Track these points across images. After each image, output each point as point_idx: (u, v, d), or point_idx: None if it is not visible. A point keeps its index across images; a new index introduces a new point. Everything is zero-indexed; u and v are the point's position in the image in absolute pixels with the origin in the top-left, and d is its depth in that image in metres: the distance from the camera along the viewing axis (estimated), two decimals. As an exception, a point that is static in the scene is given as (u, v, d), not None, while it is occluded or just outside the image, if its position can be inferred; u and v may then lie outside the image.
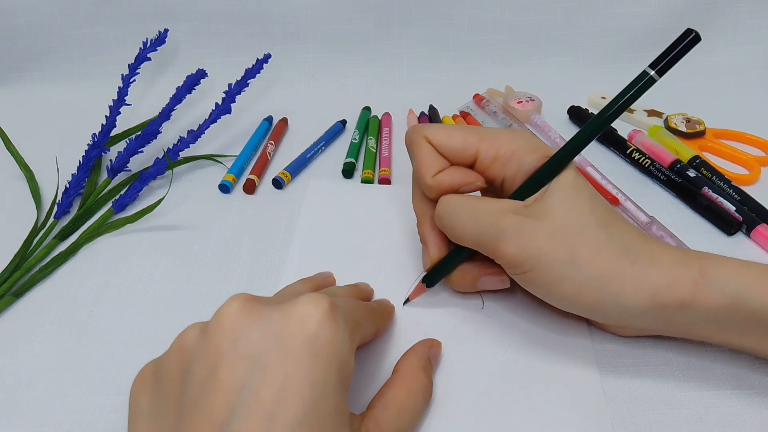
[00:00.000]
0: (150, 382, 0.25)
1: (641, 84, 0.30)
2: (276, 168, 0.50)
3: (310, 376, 0.22)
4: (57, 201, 0.45)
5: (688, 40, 0.29)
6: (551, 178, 0.31)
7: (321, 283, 0.35)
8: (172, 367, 0.24)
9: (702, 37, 0.29)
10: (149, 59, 0.50)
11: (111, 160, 0.48)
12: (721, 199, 0.44)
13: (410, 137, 0.34)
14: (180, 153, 0.49)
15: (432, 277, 0.35)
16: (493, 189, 0.34)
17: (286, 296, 0.29)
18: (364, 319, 0.29)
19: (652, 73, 0.29)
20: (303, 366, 0.22)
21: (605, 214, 0.30)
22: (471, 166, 0.33)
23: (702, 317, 0.29)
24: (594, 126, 0.31)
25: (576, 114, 0.56)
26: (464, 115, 0.57)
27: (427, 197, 0.35)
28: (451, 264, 0.34)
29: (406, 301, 0.36)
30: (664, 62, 0.29)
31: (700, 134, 0.52)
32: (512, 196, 0.32)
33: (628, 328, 0.33)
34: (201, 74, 0.50)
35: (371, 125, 0.55)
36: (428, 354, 0.31)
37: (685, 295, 0.28)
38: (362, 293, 0.35)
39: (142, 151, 0.48)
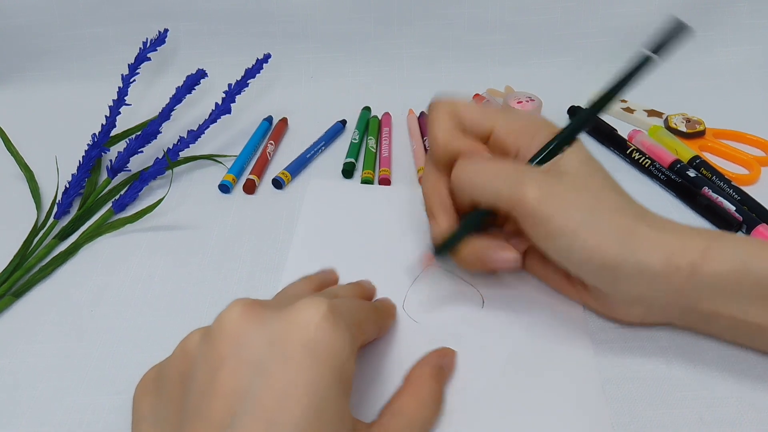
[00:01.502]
0: (152, 388, 0.25)
1: (640, 62, 0.32)
2: (276, 168, 0.50)
3: (310, 381, 0.22)
4: (57, 201, 0.45)
5: (676, 27, 0.31)
6: (563, 146, 0.32)
7: (323, 281, 0.35)
8: (173, 373, 0.24)
9: (702, 37, 0.30)
10: (149, 59, 0.50)
11: (111, 160, 0.48)
12: (721, 199, 0.44)
13: (433, 106, 0.36)
14: (180, 153, 0.49)
15: (442, 248, 0.34)
16: None
17: (288, 298, 0.29)
18: (366, 319, 0.29)
19: (649, 53, 0.32)
20: (303, 371, 0.22)
21: (618, 185, 0.32)
22: (486, 139, 0.35)
23: (710, 284, 0.29)
24: (602, 100, 0.33)
25: (576, 114, 0.56)
26: (464, 115, 0.57)
27: (438, 174, 0.35)
28: (462, 232, 0.34)
29: (417, 276, 0.37)
30: (658, 44, 0.31)
31: (700, 134, 0.52)
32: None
33: (635, 308, 0.33)
34: (201, 74, 0.50)
35: (371, 125, 0.55)
36: (441, 363, 0.31)
37: (695, 258, 0.29)
38: (365, 291, 0.35)
39: (142, 151, 0.48)
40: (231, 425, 0.21)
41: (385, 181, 0.48)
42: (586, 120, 0.33)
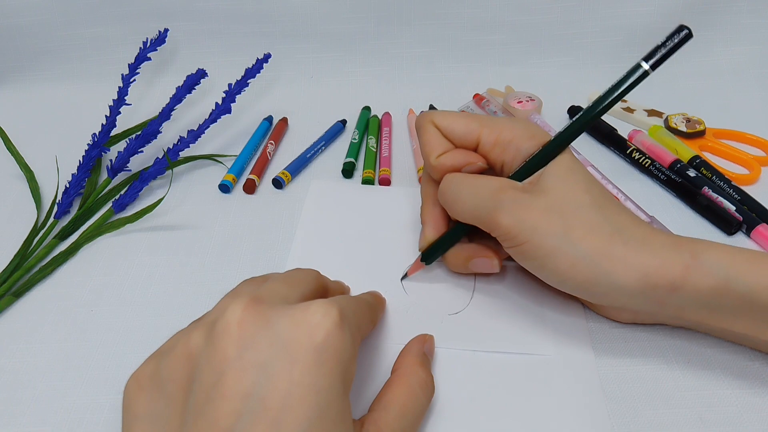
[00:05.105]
0: (148, 387, 0.24)
1: (636, 77, 0.32)
2: (276, 168, 0.50)
3: (316, 384, 0.22)
4: (57, 201, 0.45)
5: (681, 36, 0.30)
6: (547, 162, 0.32)
7: (332, 288, 0.33)
8: (175, 373, 0.24)
9: (702, 37, 0.30)
10: (149, 59, 0.50)
11: (111, 160, 0.48)
12: (721, 198, 0.44)
13: (418, 121, 0.37)
14: (180, 153, 0.49)
15: (429, 255, 0.37)
16: (493, 174, 0.35)
17: (291, 286, 0.28)
18: (365, 319, 0.29)
19: (647, 67, 0.31)
20: (309, 374, 0.22)
21: (600, 196, 0.31)
22: (474, 150, 0.35)
23: (693, 300, 0.29)
24: (588, 115, 0.33)
25: (576, 114, 0.56)
26: (464, 115, 0.57)
27: (433, 181, 0.36)
28: (447, 242, 0.36)
29: (404, 276, 0.38)
30: (658, 57, 0.31)
31: (700, 134, 0.52)
32: (510, 178, 0.33)
33: (624, 312, 0.34)
34: (201, 74, 0.50)
35: (371, 125, 0.55)
36: (423, 349, 0.31)
37: (676, 276, 0.29)
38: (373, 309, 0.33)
39: (142, 151, 0.48)
40: (236, 427, 0.21)
41: (386, 181, 0.48)
42: (571, 136, 0.33)
